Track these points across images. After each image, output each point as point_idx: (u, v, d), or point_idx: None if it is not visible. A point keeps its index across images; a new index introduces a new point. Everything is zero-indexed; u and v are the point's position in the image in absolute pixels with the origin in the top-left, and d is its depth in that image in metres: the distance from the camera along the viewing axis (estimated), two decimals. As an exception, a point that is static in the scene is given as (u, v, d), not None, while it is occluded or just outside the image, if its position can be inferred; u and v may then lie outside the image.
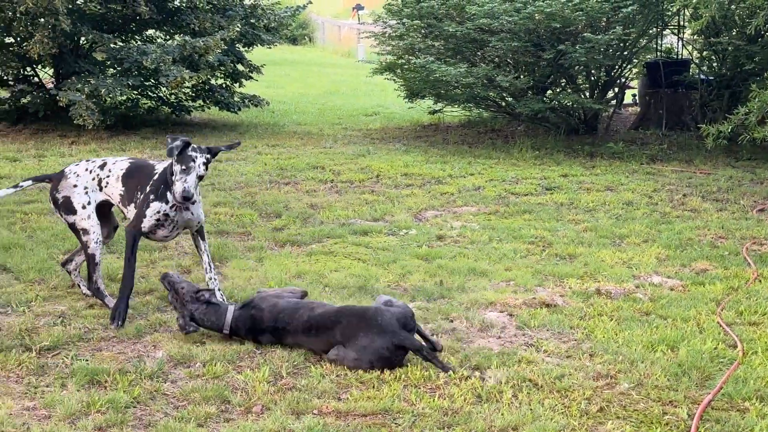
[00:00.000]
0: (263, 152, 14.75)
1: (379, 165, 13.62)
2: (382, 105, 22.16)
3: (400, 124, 19.06)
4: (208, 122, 18.34)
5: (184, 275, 7.87)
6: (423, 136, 17.14)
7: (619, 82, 17.63)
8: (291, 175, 12.84)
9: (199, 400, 5.28)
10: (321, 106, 22.00)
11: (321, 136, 16.95)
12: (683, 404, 5.28)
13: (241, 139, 16.10)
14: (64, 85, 15.41)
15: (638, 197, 11.64)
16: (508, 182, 12.61)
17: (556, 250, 8.97)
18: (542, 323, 6.73)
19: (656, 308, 7.09)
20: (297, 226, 9.80)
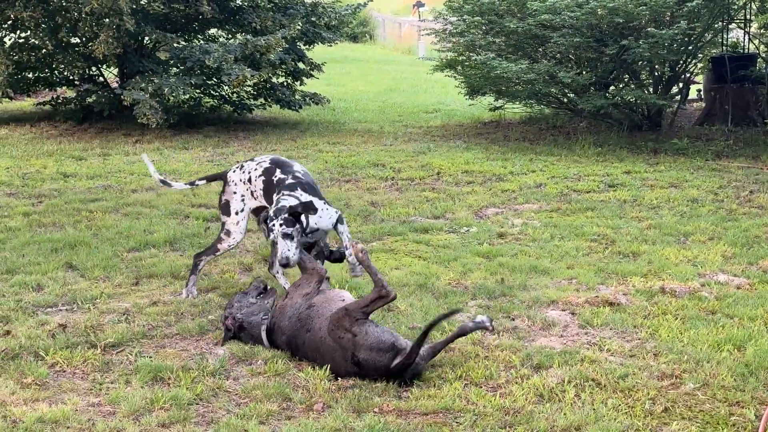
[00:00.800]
0: (324, 150, 14.80)
1: (440, 162, 13.58)
2: (443, 102, 22.09)
3: (460, 121, 18.99)
4: (269, 120, 18.46)
5: (246, 273, 7.93)
6: (484, 133, 17.05)
7: (683, 78, 17.37)
8: (352, 172, 12.86)
9: (261, 397, 5.30)
10: (381, 104, 22.00)
11: (381, 133, 16.96)
12: (750, 405, 5.18)
13: (301, 136, 16.22)
14: (128, 85, 15.63)
15: (703, 194, 11.45)
16: (570, 179, 12.49)
17: (619, 247, 8.86)
18: (605, 322, 6.65)
19: (722, 307, 6.97)
20: (358, 223, 9.81)
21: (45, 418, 4.93)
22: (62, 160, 13.52)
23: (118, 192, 11.29)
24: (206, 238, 9.02)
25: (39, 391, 5.36)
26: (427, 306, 6.90)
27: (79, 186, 11.66)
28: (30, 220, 9.66)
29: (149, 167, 7.75)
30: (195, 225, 9.55)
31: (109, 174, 12.51)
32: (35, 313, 6.76)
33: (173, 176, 12.36)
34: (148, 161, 7.72)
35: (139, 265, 8.02)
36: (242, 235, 7.29)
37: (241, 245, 8.84)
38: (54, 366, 5.73)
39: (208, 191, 11.37)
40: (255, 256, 8.38)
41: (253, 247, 8.74)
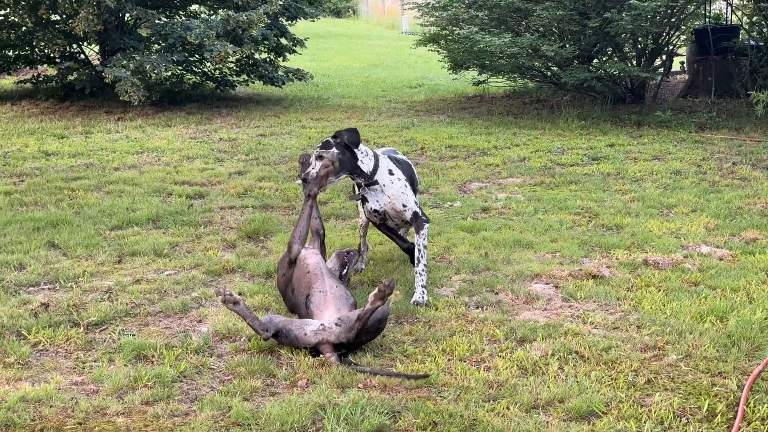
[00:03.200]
0: (308, 126, 14.76)
1: (424, 137, 13.56)
2: (426, 77, 22.05)
3: (444, 95, 18.96)
4: (252, 96, 18.38)
5: (229, 250, 7.91)
6: (467, 108, 17.03)
7: (666, 50, 17.37)
8: (335, 148, 12.79)
9: (245, 374, 5.30)
10: (365, 79, 21.94)
11: (365, 109, 16.92)
12: (733, 375, 5.20)
13: (285, 112, 16.16)
14: (109, 62, 15.52)
15: (686, 166, 11.48)
16: (554, 153, 12.49)
17: (602, 220, 8.88)
18: (589, 295, 6.66)
19: (705, 278, 6.99)
20: (341, 199, 9.78)
21: (28, 397, 4.90)
22: (44, 139, 13.43)
23: (100, 170, 11.23)
24: (189, 215, 8.98)
25: (22, 370, 5.33)
26: (411, 281, 6.89)
27: (60, 164, 11.59)
28: (11, 199, 9.60)
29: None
30: (178, 202, 9.50)
31: (91, 152, 12.43)
32: (17, 293, 6.72)
33: (156, 154, 12.32)
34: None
35: (122, 243, 7.98)
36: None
37: (224, 222, 8.82)
38: (36, 345, 5.70)
39: (191, 168, 11.33)
40: (238, 233, 8.35)
41: (236, 224, 8.72)
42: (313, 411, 4.76)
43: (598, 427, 4.60)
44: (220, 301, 5.71)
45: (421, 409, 4.76)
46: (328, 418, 4.65)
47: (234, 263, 7.43)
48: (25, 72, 19.69)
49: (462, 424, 4.61)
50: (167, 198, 9.81)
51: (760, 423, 4.59)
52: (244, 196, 9.91)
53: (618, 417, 4.72)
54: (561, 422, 4.68)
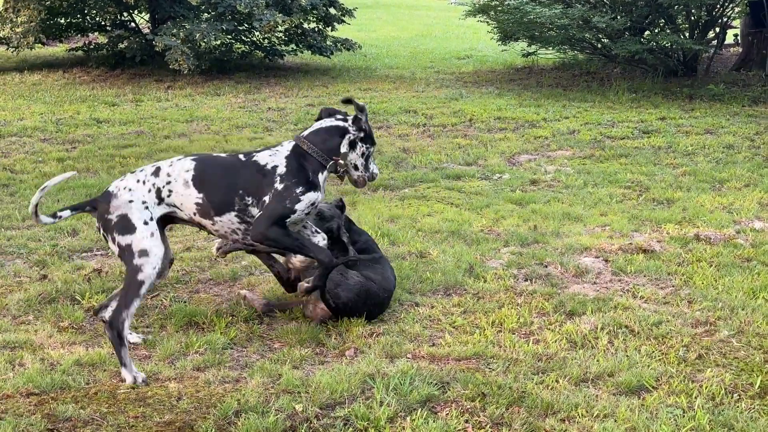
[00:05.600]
0: (356, 96, 14.72)
1: (472, 109, 13.49)
2: (475, 48, 21.90)
3: (492, 67, 18.82)
4: (300, 66, 18.38)
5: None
6: (516, 80, 16.90)
7: (720, 22, 17.07)
8: (383, 119, 12.81)
9: (294, 342, 5.33)
10: (413, 50, 21.84)
11: (413, 79, 16.85)
12: (785, 353, 5.15)
13: (333, 82, 16.15)
14: (159, 30, 15.60)
15: (739, 140, 11.31)
16: (604, 125, 12.37)
17: (653, 194, 8.79)
18: (639, 269, 6.61)
19: (758, 254, 6.90)
20: (390, 170, 9.78)
21: (82, 361, 4.98)
22: (95, 106, 13.56)
23: (150, 138, 11.32)
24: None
25: (76, 334, 5.41)
26: (459, 252, 6.88)
27: (112, 132, 11.70)
28: (64, 165, 9.72)
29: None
30: (227, 171, 9.54)
31: (142, 120, 12.53)
32: (71, 258, 6.82)
33: (205, 122, 12.38)
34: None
35: (173, 211, 8.03)
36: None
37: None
38: (90, 310, 5.78)
39: (240, 137, 11.38)
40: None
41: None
42: (362, 380, 4.78)
43: (648, 401, 4.58)
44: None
45: (470, 381, 4.77)
46: (377, 387, 4.67)
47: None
48: (77, 40, 19.86)
49: (511, 396, 4.61)
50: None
51: (814, 401, 4.55)
52: (292, 165, 9.91)
53: (668, 392, 4.69)
54: (611, 396, 4.66)
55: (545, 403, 4.54)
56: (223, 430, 4.30)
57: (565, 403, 4.54)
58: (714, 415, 4.43)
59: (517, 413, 4.46)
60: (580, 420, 4.41)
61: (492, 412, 4.47)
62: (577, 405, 4.53)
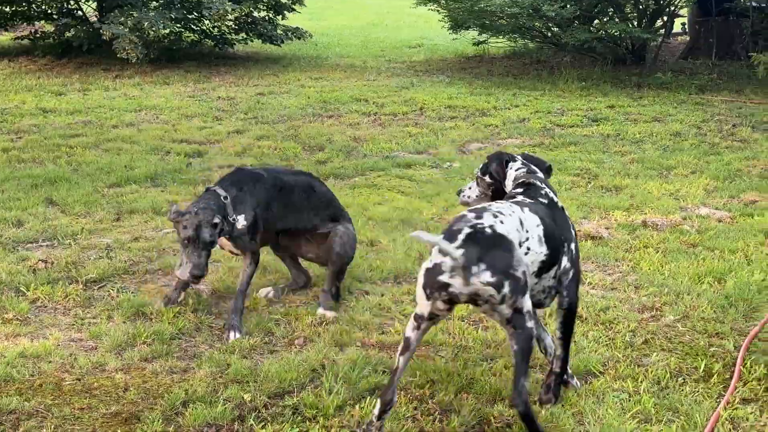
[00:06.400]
0: (306, 85, 14.68)
1: (423, 97, 13.51)
2: (426, 37, 21.91)
3: (444, 55, 18.85)
4: (251, 55, 18.27)
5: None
6: (467, 68, 16.94)
7: (668, 11, 17.24)
8: (334, 108, 12.78)
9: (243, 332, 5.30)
10: (364, 39, 21.81)
11: (364, 68, 16.83)
12: (729, 336, 5.22)
13: (284, 71, 16.07)
14: (107, 19, 15.41)
15: (686, 128, 11.45)
16: (554, 114, 12.45)
17: (601, 182, 8.87)
18: (587, 255, 6.66)
19: (703, 240, 6.99)
20: (340, 159, 9.76)
21: (27, 353, 4.91)
22: (41, 96, 13.36)
23: (98, 127, 11.19)
24: (188, 173, 8.96)
25: (20, 326, 5.33)
26: (410, 241, 6.88)
27: (58, 121, 11.54)
28: (9, 156, 9.57)
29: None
30: (176, 161, 9.48)
31: (89, 109, 12.38)
32: (16, 249, 6.71)
33: (154, 112, 12.27)
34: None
35: (120, 201, 7.96)
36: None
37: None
38: (35, 301, 5.70)
39: (190, 126, 11.30)
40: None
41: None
42: (311, 369, 4.77)
43: (595, 386, 4.62)
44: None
45: (420, 368, 4.78)
46: (326, 376, 4.66)
47: (232, 222, 7.41)
48: (23, 28, 19.53)
49: (459, 383, 4.63)
50: (165, 156, 9.78)
51: (756, 383, 4.60)
52: (242, 154, 9.88)
53: (615, 377, 4.73)
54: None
55: (493, 390, 4.56)
56: (171, 420, 4.27)
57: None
58: (659, 398, 4.48)
59: (465, 400, 4.48)
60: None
61: (441, 399, 4.48)
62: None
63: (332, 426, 4.23)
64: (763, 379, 4.64)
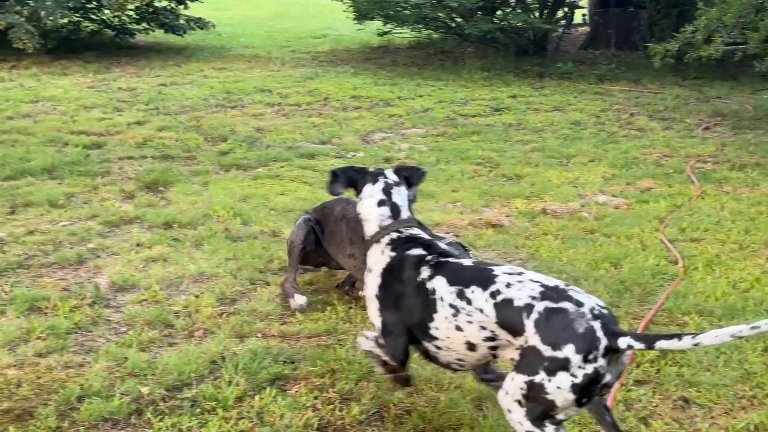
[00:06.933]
0: (209, 76, 14.53)
1: (328, 88, 13.48)
2: (331, 27, 21.87)
3: (348, 46, 18.84)
4: (153, 45, 17.99)
5: (127, 201, 7.77)
6: (372, 59, 16.96)
7: (568, 2, 17.52)
8: (238, 98, 12.67)
9: (142, 324, 5.22)
10: (269, 29, 21.67)
11: (269, 59, 16.72)
12: (625, 320, 5.32)
13: (186, 62, 15.87)
14: (2, 8, 14.98)
15: (586, 117, 11.65)
16: (457, 104, 12.54)
17: (503, 170, 8.97)
18: (488, 243, 6.73)
19: (601, 227, 7.13)
20: (243, 149, 9.68)
21: None
22: (-67, 87, 12.95)
23: (-7, 119, 10.89)
24: (86, 165, 8.78)
25: None
26: (312, 230, 6.86)
27: (-49, 113, 11.20)
28: None
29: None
30: (75, 152, 9.27)
31: (-16, 101, 12.04)
32: None
33: (51, 103, 11.98)
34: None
35: (15, 194, 7.76)
36: None
37: (123, 172, 8.66)
38: (-76, 298, 5.53)
39: (89, 118, 11.07)
40: (137, 184, 8.20)
41: (135, 174, 8.55)
42: (210, 360, 4.72)
43: (493, 371, 4.66)
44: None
45: (320, 357, 4.77)
46: (226, 367, 4.62)
47: (132, 214, 7.30)
48: None
49: (360, 372, 4.63)
50: (63, 148, 9.56)
51: (649, 365, 4.71)
52: (143, 146, 9.72)
53: (513, 362, 4.79)
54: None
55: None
56: (65, 416, 4.18)
57: (415, 377, 4.58)
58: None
59: (366, 388, 4.49)
60: (428, 393, 4.46)
61: (341, 388, 4.48)
62: (428, 379, 4.58)
63: (231, 417, 4.19)
64: (656, 361, 4.75)
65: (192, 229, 6.93)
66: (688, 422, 4.19)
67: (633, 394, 4.43)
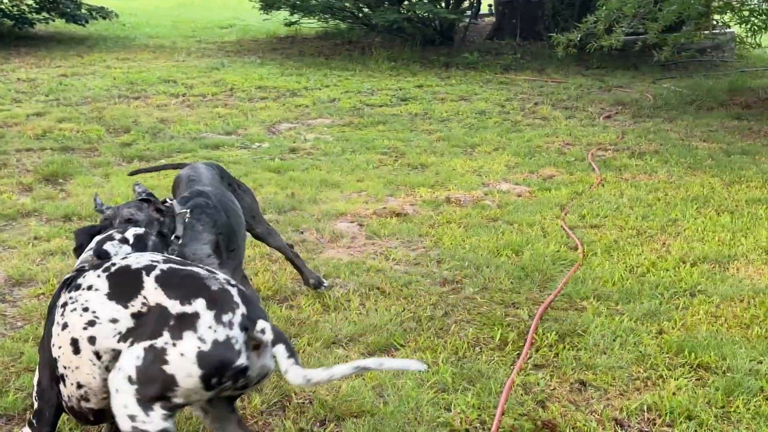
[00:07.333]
0: (112, 66, 14.28)
1: (234, 78, 13.37)
2: (238, 17, 21.69)
3: (255, 36, 18.71)
4: (53, 35, 17.60)
5: (25, 193, 7.60)
6: (279, 49, 16.87)
7: (474, -8, 17.68)
8: (141, 89, 12.48)
9: (39, 319, 5.11)
10: (175, 19, 21.39)
11: (174, 49, 16.50)
12: (525, 306, 5.41)
13: (88, 52, 15.59)
14: None
15: (491, 106, 11.78)
16: (364, 94, 12.56)
17: (408, 160, 9.01)
18: (392, 232, 6.76)
19: (503, 214, 7.22)
20: (146, 141, 9.55)
21: None
22: None
23: None
24: (-17, 158, 8.56)
25: None
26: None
27: None
28: None
29: None
30: (-30, 145, 9.04)
31: None
32: None
33: (-53, 94, 11.64)
34: None
35: None
36: None
37: (21, 164, 8.46)
38: None
39: (-14, 109, 10.78)
40: (35, 176, 8.02)
41: (33, 166, 8.37)
42: (109, 354, 4.65)
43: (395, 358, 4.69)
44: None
45: (222, 349, 4.72)
46: (125, 360, 4.55)
47: (30, 206, 7.14)
48: None
49: (262, 362, 4.60)
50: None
51: (548, 349, 4.79)
52: (42, 137, 9.51)
53: (415, 348, 4.82)
54: (360, 356, 4.74)
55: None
56: (-43, 414, 4.08)
57: (315, 365, 4.58)
58: (457, 368, 4.59)
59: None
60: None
61: (243, 379, 4.45)
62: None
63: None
64: (554, 345, 4.83)
65: (92, 222, 6.81)
66: (584, 404, 4.27)
67: (531, 378, 4.50)
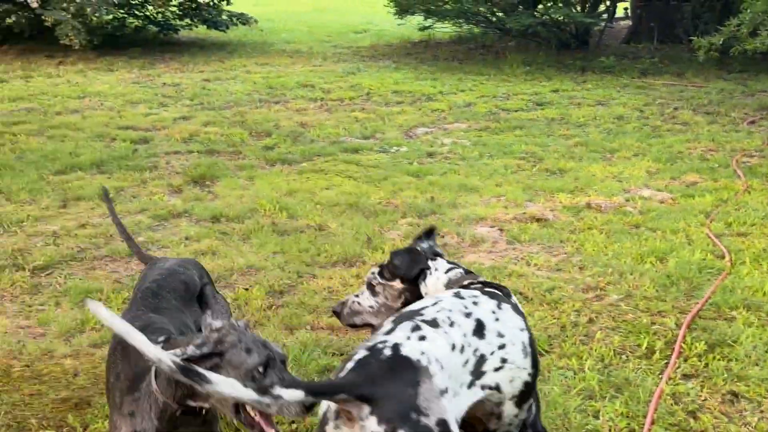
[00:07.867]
0: (252, 71, 14.64)
1: (369, 82, 13.54)
2: (372, 22, 21.92)
3: (389, 41, 18.88)
4: (196, 41, 18.15)
5: (175, 195, 7.88)
6: (413, 53, 16.99)
7: (610, -4, 17.46)
8: (280, 93, 12.76)
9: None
10: (310, 24, 21.76)
11: (310, 54, 16.80)
12: (671, 314, 5.34)
13: (229, 57, 16.00)
14: (48, 5, 15.21)
15: (629, 111, 11.61)
16: (499, 98, 12.55)
17: (546, 165, 8.98)
18: (533, 237, 6.76)
19: (646, 221, 7.12)
20: (287, 144, 9.77)
21: (-26, 342, 4.89)
22: (-18, 83, 13.17)
23: (41, 114, 11.06)
24: (134, 160, 8.91)
25: (-33, 315, 5.30)
26: (358, 225, 6.93)
27: (0, 108, 11.39)
28: (-49, 144, 9.44)
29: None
30: (122, 147, 9.41)
31: (32, 96, 12.23)
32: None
33: (98, 98, 12.15)
34: None
35: (66, 188, 7.90)
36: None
37: (170, 167, 8.77)
38: (-19, 289, 5.66)
39: (135, 113, 11.23)
40: (184, 178, 8.31)
41: (182, 169, 8.67)
42: (261, 352, 4.79)
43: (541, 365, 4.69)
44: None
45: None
46: (277, 358, 4.69)
47: (180, 208, 7.41)
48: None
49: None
50: (111, 143, 9.71)
51: (697, 359, 4.72)
52: (189, 141, 9.84)
53: (560, 355, 4.82)
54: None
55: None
56: (122, 405, 4.27)
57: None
58: (603, 375, 4.58)
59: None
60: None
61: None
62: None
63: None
64: (704, 355, 4.76)
65: (239, 223, 7.02)
66: (737, 416, 4.20)
67: (680, 388, 4.45)
